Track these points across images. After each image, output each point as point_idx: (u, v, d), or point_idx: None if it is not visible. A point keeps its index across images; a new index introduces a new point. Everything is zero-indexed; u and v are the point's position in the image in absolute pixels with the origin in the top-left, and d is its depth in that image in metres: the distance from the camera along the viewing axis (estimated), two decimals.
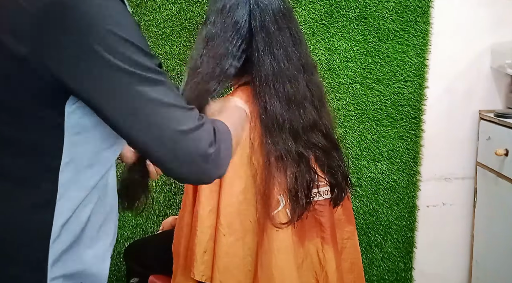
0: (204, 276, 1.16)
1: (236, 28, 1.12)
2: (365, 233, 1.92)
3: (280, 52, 1.14)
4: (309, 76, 1.20)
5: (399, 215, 1.93)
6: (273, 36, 1.14)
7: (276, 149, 1.13)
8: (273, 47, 1.13)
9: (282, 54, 1.14)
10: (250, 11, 1.13)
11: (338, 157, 1.23)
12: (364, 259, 1.90)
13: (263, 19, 1.13)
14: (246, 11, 1.13)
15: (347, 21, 1.78)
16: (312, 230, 1.20)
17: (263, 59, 1.13)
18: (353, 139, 1.85)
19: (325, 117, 1.22)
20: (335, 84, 1.81)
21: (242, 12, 1.13)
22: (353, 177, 1.87)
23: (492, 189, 1.82)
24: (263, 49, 1.13)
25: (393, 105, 1.85)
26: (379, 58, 1.81)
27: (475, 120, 1.91)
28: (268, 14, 1.13)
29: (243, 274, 1.16)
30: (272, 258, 1.13)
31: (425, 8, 1.79)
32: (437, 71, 1.86)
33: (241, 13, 1.13)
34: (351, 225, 1.31)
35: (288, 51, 1.15)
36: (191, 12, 1.72)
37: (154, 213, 1.84)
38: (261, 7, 1.13)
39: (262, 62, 1.13)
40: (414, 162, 1.90)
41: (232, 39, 1.12)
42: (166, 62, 1.74)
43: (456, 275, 2.05)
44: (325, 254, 1.19)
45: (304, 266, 1.18)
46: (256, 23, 1.13)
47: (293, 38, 1.17)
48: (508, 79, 1.90)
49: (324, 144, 1.19)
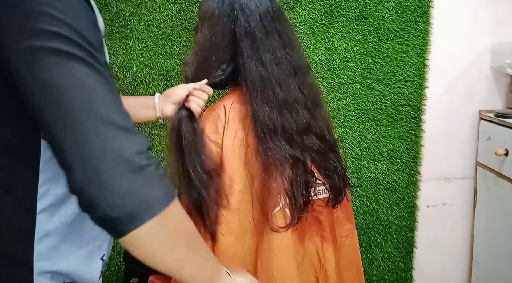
0: None
1: (222, 36, 1.13)
2: (365, 233, 1.92)
3: (268, 56, 1.13)
4: (301, 79, 1.18)
5: (399, 215, 1.93)
6: (260, 41, 1.13)
7: (270, 155, 1.12)
8: (260, 52, 1.12)
9: (270, 59, 1.13)
10: (234, 18, 1.13)
11: (335, 158, 1.22)
12: (364, 259, 1.90)
13: (248, 25, 1.12)
14: (230, 18, 1.13)
15: (347, 21, 1.78)
16: (311, 228, 1.20)
17: (249, 65, 1.12)
18: (353, 139, 1.85)
19: (319, 119, 1.20)
20: (335, 84, 1.81)
21: (227, 19, 1.13)
22: (353, 177, 1.87)
23: (492, 189, 1.83)
24: (248, 56, 1.12)
25: (393, 105, 1.85)
26: (379, 58, 1.81)
27: (475, 120, 1.91)
28: (254, 19, 1.12)
29: None
30: (272, 257, 1.13)
31: (425, 8, 1.79)
32: (437, 71, 1.86)
33: (226, 20, 1.13)
34: (350, 223, 1.30)
35: (277, 55, 1.14)
36: (191, 12, 1.72)
37: None
38: (246, 13, 1.12)
39: (248, 69, 1.12)
40: (414, 162, 1.90)
41: (219, 48, 1.13)
42: (166, 62, 1.74)
43: (456, 275, 2.05)
44: (325, 252, 1.19)
45: (304, 264, 1.18)
46: (240, 30, 1.12)
47: (283, 41, 1.16)
48: (508, 79, 1.90)
49: (320, 146, 1.18)
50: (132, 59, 1.74)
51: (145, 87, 1.76)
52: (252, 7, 1.13)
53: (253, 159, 1.14)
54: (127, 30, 1.72)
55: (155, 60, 1.74)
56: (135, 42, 1.73)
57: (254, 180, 1.14)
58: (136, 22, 1.71)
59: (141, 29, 1.72)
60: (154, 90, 1.76)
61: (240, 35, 1.12)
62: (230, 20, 1.13)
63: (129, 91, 1.75)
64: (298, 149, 1.15)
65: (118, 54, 1.73)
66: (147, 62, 1.74)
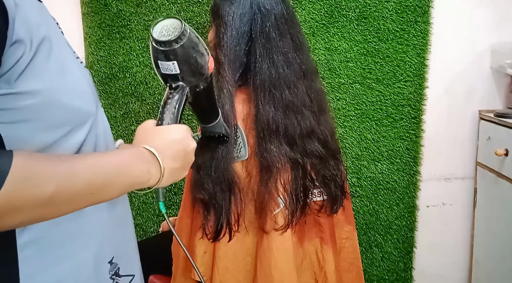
0: (204, 276, 1.16)
1: (241, 34, 1.13)
2: (365, 233, 1.92)
3: (280, 58, 1.14)
4: (309, 82, 1.19)
5: (399, 215, 1.93)
6: (274, 41, 1.13)
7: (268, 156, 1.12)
8: (272, 53, 1.13)
9: (281, 60, 1.14)
10: (252, 17, 1.13)
11: (335, 166, 1.21)
12: (364, 259, 1.90)
13: (264, 25, 1.13)
14: (248, 17, 1.13)
15: (347, 21, 1.78)
16: (311, 230, 1.20)
17: (261, 65, 1.13)
18: (353, 139, 1.85)
19: (324, 125, 1.20)
20: (335, 84, 1.81)
21: (246, 18, 1.13)
22: (353, 177, 1.87)
23: (492, 189, 1.82)
24: (261, 55, 1.13)
25: (393, 105, 1.85)
26: (379, 58, 1.81)
27: (475, 120, 1.91)
28: (269, 20, 1.13)
29: (243, 274, 1.16)
30: (272, 258, 1.13)
31: (425, 8, 1.79)
32: (437, 71, 1.86)
33: (245, 19, 1.13)
34: (350, 225, 1.30)
35: (288, 57, 1.15)
36: (191, 12, 1.72)
37: (154, 213, 1.84)
38: (263, 12, 1.13)
39: (259, 68, 1.13)
40: (414, 162, 1.90)
41: (237, 45, 1.13)
42: None
43: (456, 275, 2.05)
44: (324, 254, 1.19)
45: (303, 266, 1.18)
46: (256, 29, 1.13)
47: (295, 44, 1.17)
48: (508, 79, 1.90)
49: (321, 152, 1.18)
50: (132, 59, 1.74)
51: (145, 87, 1.76)
52: (268, 7, 1.14)
53: (251, 159, 1.14)
54: (127, 30, 1.72)
55: None
56: (135, 42, 1.73)
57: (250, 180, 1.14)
58: (136, 22, 1.72)
59: (141, 29, 1.72)
60: (154, 90, 1.76)
61: (256, 33, 1.13)
62: (248, 19, 1.13)
63: (129, 91, 1.76)
64: (299, 152, 1.15)
65: (118, 54, 1.73)
66: (147, 62, 1.74)
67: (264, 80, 1.13)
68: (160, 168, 0.72)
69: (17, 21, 0.61)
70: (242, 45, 1.13)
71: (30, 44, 0.63)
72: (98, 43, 1.72)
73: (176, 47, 0.75)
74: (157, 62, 0.79)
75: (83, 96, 0.73)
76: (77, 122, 0.71)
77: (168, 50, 0.76)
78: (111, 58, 1.73)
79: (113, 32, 1.72)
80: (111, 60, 1.74)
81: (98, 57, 1.73)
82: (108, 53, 1.73)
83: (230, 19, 1.14)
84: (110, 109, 1.76)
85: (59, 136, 0.68)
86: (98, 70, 1.74)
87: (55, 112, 0.67)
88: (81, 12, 1.71)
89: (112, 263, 0.79)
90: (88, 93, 0.75)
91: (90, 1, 1.69)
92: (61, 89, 0.68)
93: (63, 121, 0.69)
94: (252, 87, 1.14)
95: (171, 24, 0.77)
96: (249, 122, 1.14)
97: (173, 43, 0.75)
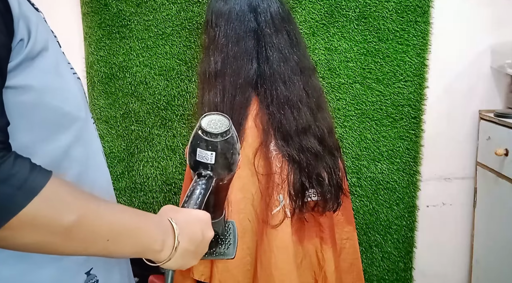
0: (203, 275, 1.16)
1: (238, 32, 1.14)
2: (365, 233, 1.92)
3: (276, 54, 1.14)
4: (306, 79, 1.19)
5: (399, 215, 1.93)
6: (269, 38, 1.14)
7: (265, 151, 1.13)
8: (266, 50, 1.14)
9: (277, 56, 1.14)
10: (246, 16, 1.14)
11: (332, 164, 1.21)
12: (364, 259, 1.90)
13: (258, 22, 1.14)
14: (243, 16, 1.14)
15: (347, 21, 1.78)
16: (311, 230, 1.20)
17: (257, 60, 1.14)
18: (353, 139, 1.85)
19: (321, 121, 1.20)
20: (335, 84, 1.81)
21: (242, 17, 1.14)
22: (353, 177, 1.87)
23: (492, 189, 1.82)
24: (257, 51, 1.14)
25: (393, 105, 1.85)
26: (379, 58, 1.81)
27: (475, 120, 1.91)
28: (265, 17, 1.14)
29: (242, 273, 1.16)
30: (272, 257, 1.13)
31: (425, 8, 1.79)
32: (437, 71, 1.86)
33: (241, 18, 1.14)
34: (350, 225, 1.31)
35: (284, 53, 1.15)
36: (191, 12, 1.72)
37: (154, 213, 1.84)
38: (258, 11, 1.14)
39: (256, 63, 1.14)
40: (414, 162, 1.90)
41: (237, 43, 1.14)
42: (166, 62, 1.74)
43: (456, 275, 2.05)
44: (324, 254, 1.19)
45: (303, 265, 1.18)
46: (252, 26, 1.13)
47: (291, 41, 1.17)
48: (508, 79, 1.90)
49: (317, 149, 1.18)
50: (132, 59, 1.74)
51: (145, 87, 1.76)
52: (264, 5, 1.15)
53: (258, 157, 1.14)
54: (127, 30, 1.72)
55: (155, 60, 1.74)
56: (135, 42, 1.73)
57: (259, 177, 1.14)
58: (136, 22, 1.72)
59: (141, 29, 1.72)
60: (154, 90, 1.76)
61: (252, 31, 1.14)
62: (244, 18, 1.14)
63: (129, 91, 1.76)
64: (295, 149, 1.15)
65: (118, 54, 1.73)
66: (147, 62, 1.74)
67: (260, 76, 1.14)
68: (174, 241, 0.72)
69: (21, 20, 0.62)
70: (240, 43, 1.14)
71: (28, 39, 0.63)
72: (98, 43, 1.73)
73: (219, 140, 0.80)
74: (196, 149, 0.82)
75: (74, 101, 0.74)
76: (59, 124, 0.70)
77: (211, 141, 0.81)
78: (111, 58, 1.73)
79: (113, 32, 1.72)
80: (111, 60, 1.74)
81: (98, 57, 1.73)
82: (108, 53, 1.73)
83: (226, 18, 1.15)
84: (110, 109, 1.77)
85: (39, 138, 0.67)
86: (98, 70, 1.74)
87: (42, 112, 0.67)
88: (81, 12, 1.72)
89: (90, 274, 0.77)
90: (79, 99, 0.76)
91: (90, 1, 1.69)
92: (53, 91, 0.68)
93: (45, 122, 0.68)
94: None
95: (219, 119, 0.82)
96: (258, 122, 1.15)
97: (218, 136, 0.80)
